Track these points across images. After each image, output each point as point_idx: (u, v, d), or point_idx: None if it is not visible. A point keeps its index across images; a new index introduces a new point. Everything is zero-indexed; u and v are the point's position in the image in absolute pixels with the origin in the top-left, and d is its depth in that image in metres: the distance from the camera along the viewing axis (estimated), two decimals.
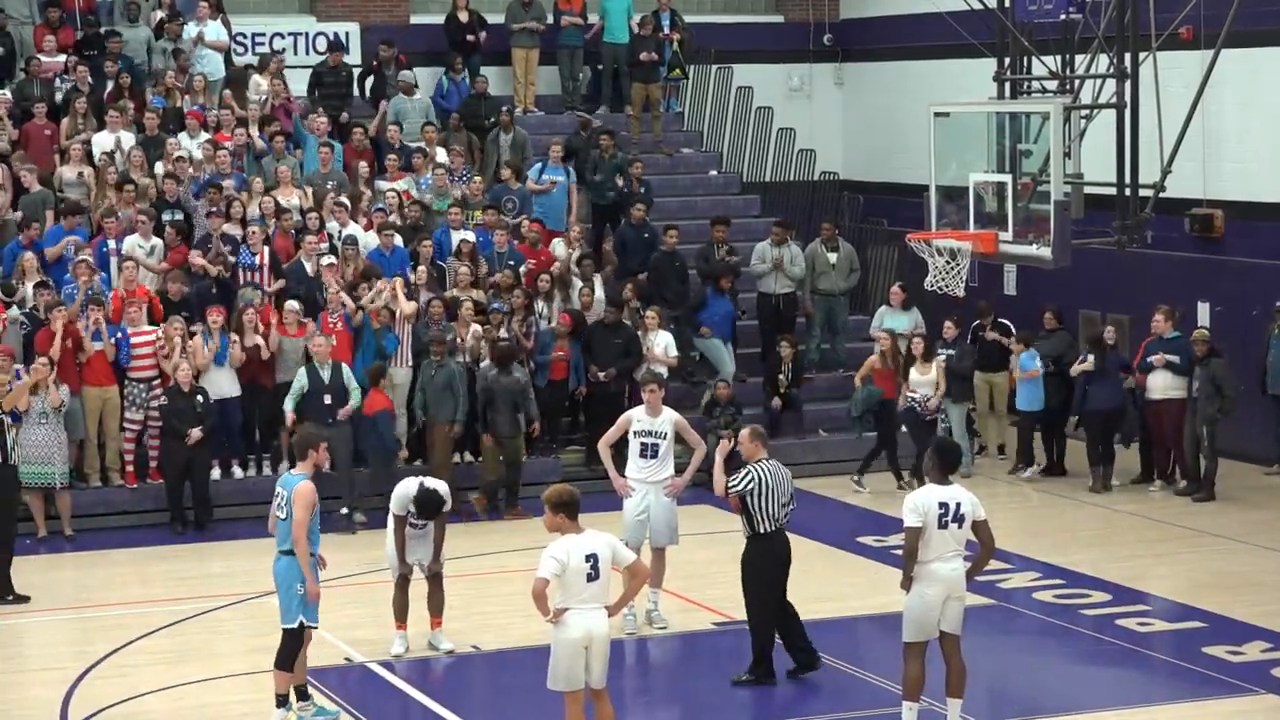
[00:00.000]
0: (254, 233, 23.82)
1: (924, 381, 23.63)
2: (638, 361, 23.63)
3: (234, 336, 22.51)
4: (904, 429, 24.04)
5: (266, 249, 23.79)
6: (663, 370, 22.54)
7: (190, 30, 27.71)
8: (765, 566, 15.64)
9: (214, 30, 27.84)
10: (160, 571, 20.41)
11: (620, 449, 17.73)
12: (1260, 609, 18.14)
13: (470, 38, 29.36)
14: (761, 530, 15.58)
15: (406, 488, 16.59)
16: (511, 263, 24.82)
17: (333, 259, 23.59)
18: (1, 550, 19.20)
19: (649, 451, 17.42)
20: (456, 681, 16.53)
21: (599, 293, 24.78)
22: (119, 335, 22.31)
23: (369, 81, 28.76)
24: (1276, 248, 24.42)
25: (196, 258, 23.41)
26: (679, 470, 17.75)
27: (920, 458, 22.47)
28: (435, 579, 16.84)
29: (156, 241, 23.88)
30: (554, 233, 25.90)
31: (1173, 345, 23.18)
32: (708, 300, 25.42)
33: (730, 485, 15.46)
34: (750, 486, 15.37)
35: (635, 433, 17.46)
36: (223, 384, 22.42)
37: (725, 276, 25.54)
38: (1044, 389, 23.99)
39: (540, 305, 24.30)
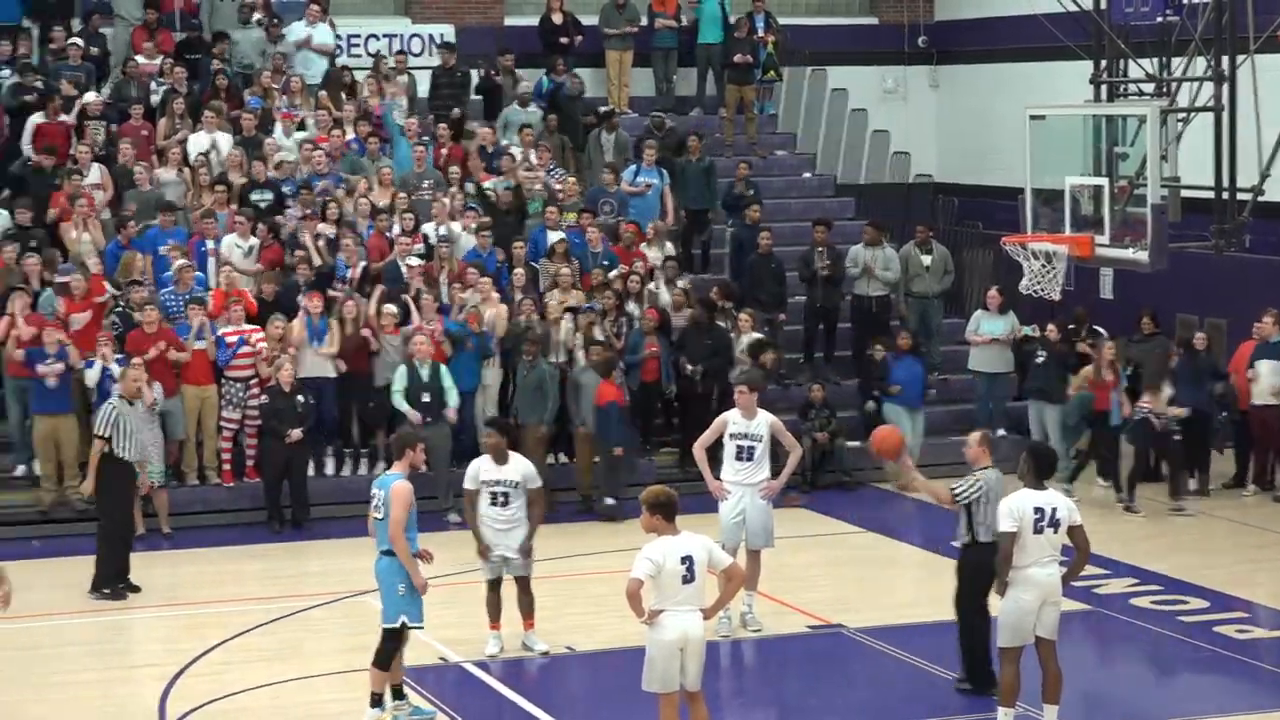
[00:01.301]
0: (348, 245, 23.95)
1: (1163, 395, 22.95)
2: (727, 363, 23.61)
3: (333, 321, 22.73)
4: (1128, 439, 23.34)
5: (362, 264, 23.93)
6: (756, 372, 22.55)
7: (297, 32, 27.95)
8: (981, 574, 15.15)
9: (322, 33, 28.08)
10: (256, 570, 20.60)
11: (714, 452, 17.73)
12: None
13: (564, 40, 29.44)
14: (981, 539, 15.09)
15: (476, 464, 16.82)
16: (605, 263, 24.89)
17: (419, 260, 23.69)
18: (120, 542, 19.47)
19: (744, 454, 17.39)
20: (551, 682, 16.58)
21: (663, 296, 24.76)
22: (220, 335, 22.51)
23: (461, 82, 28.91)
24: None
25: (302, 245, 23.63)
26: (774, 474, 17.73)
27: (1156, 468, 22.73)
28: (523, 583, 16.89)
29: (253, 241, 24.05)
30: (646, 235, 25.91)
31: (1277, 349, 23.03)
32: (890, 361, 24.39)
33: (955, 493, 15.08)
34: (977, 495, 15.01)
35: (730, 435, 17.44)
36: (319, 367, 22.63)
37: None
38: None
39: (631, 305, 24.35)
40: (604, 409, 22.52)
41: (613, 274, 24.55)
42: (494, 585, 16.88)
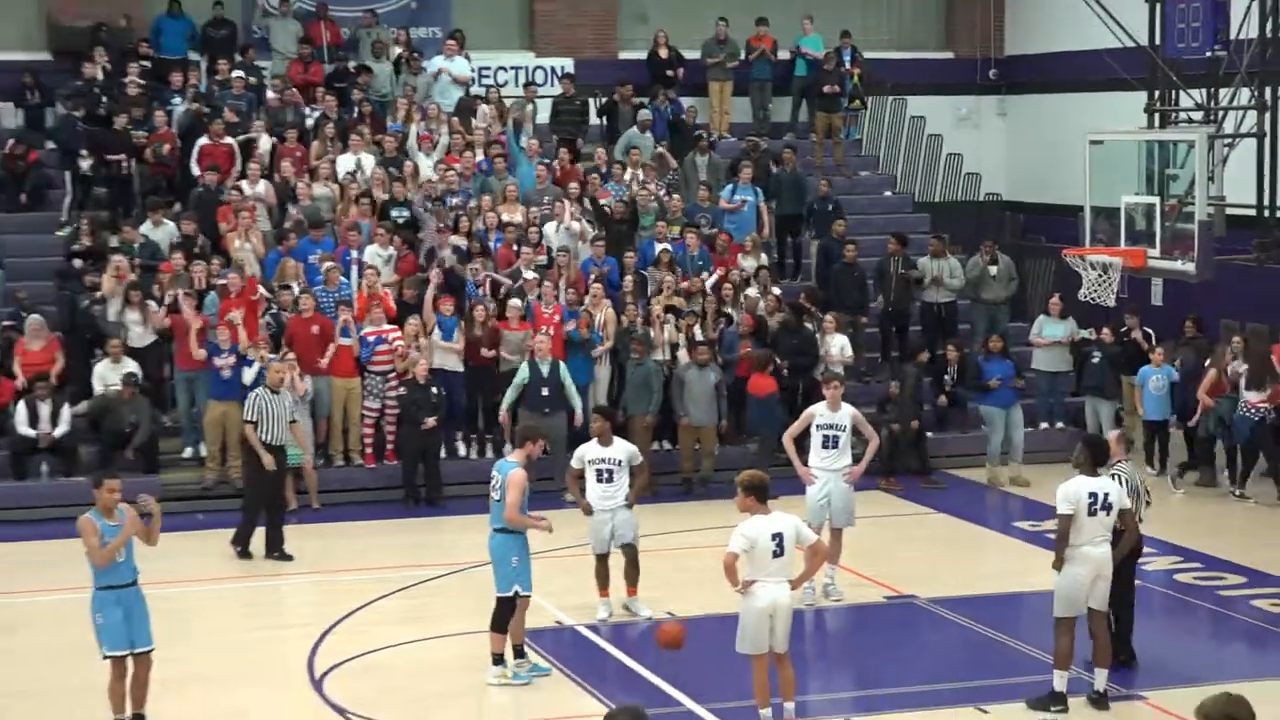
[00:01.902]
0: (477, 269, 24.05)
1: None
2: (813, 361, 23.60)
3: (463, 323, 22.90)
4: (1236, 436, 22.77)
5: (489, 280, 24.01)
6: (839, 369, 22.55)
7: (435, 64, 28.08)
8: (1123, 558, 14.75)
9: (459, 65, 28.19)
10: (394, 542, 20.75)
11: (802, 441, 17.76)
12: None
13: (670, 72, 29.49)
14: (1119, 526, 14.62)
15: (583, 448, 16.99)
16: (703, 269, 24.95)
17: (534, 275, 23.78)
18: (257, 509, 19.73)
19: (830, 443, 17.47)
20: (653, 643, 16.59)
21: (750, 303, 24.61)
22: (363, 334, 22.72)
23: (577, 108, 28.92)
24: None
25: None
26: (855, 460, 17.77)
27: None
28: (631, 554, 16.98)
29: (392, 250, 24.22)
30: (743, 246, 25.91)
31: None
32: (983, 363, 24.09)
33: None
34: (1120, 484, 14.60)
35: (818, 426, 17.51)
36: (447, 361, 22.73)
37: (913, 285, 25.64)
38: (1172, 399, 23.48)
39: (729, 309, 24.35)
40: (764, 400, 22.59)
41: (709, 279, 24.58)
42: (602, 559, 17.00)
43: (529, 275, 23.77)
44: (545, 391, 22.15)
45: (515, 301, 23.19)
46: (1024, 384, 24.42)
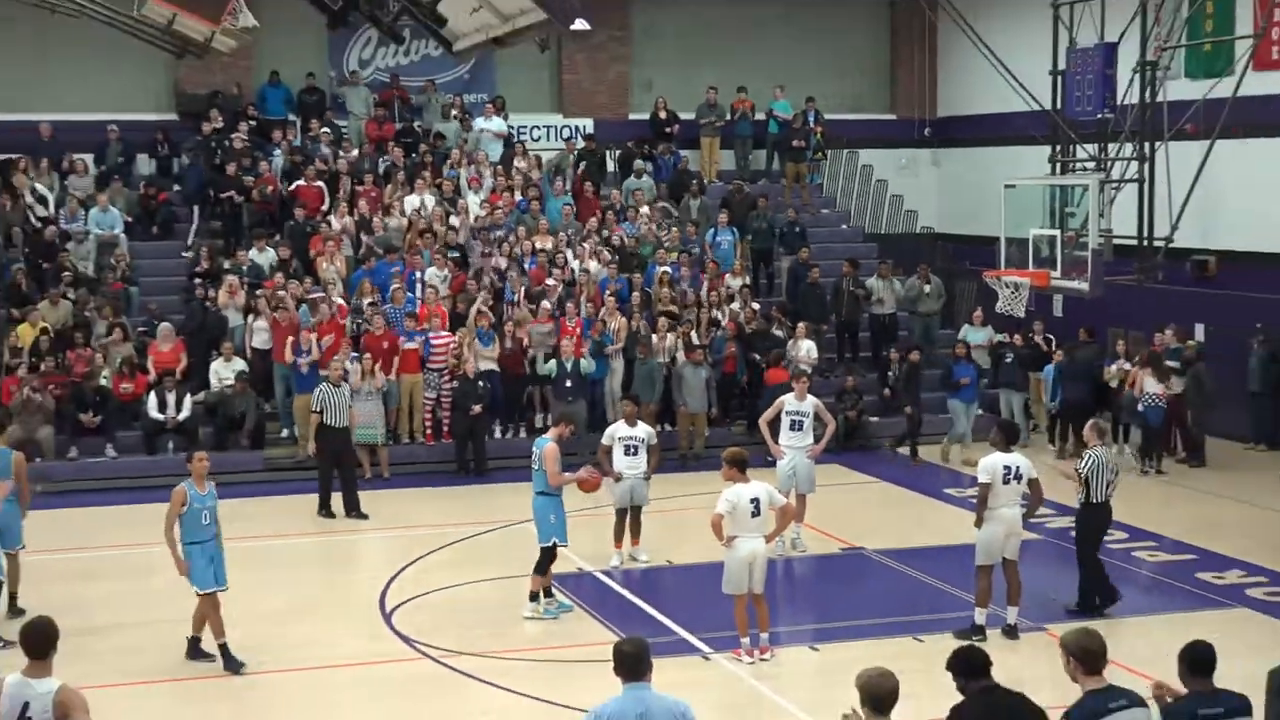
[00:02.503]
0: (514, 278, 24.02)
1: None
2: (779, 360, 23.48)
3: (498, 336, 22.85)
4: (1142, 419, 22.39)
5: (523, 289, 23.97)
6: (808, 368, 22.49)
7: (479, 124, 28.07)
8: (1094, 527, 14.91)
9: (496, 124, 28.16)
10: (448, 505, 20.69)
11: (773, 424, 17.72)
12: (1239, 546, 17.79)
13: (668, 130, 29.44)
14: (1094, 500, 14.77)
15: (613, 427, 17.06)
16: (693, 288, 24.89)
17: (554, 281, 23.98)
18: (348, 480, 19.72)
19: (796, 426, 17.46)
20: (655, 585, 16.63)
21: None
22: (424, 338, 22.70)
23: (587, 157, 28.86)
24: (1257, 284, 23.84)
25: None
26: (816, 439, 17.70)
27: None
28: (637, 513, 17.00)
29: (447, 272, 24.19)
30: (725, 272, 25.78)
31: (1176, 356, 22.80)
32: (953, 364, 23.45)
33: (1077, 468, 14.80)
34: (1092, 467, 14.68)
35: (787, 412, 17.51)
36: (487, 364, 22.64)
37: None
38: (1062, 389, 23.27)
39: (716, 315, 24.27)
40: (776, 386, 22.33)
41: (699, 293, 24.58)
42: (621, 514, 17.00)
43: (550, 282, 23.98)
44: (569, 383, 22.27)
45: (545, 303, 23.28)
46: (986, 381, 24.25)
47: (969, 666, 7.89)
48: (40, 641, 8.33)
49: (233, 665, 13.55)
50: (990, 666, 7.89)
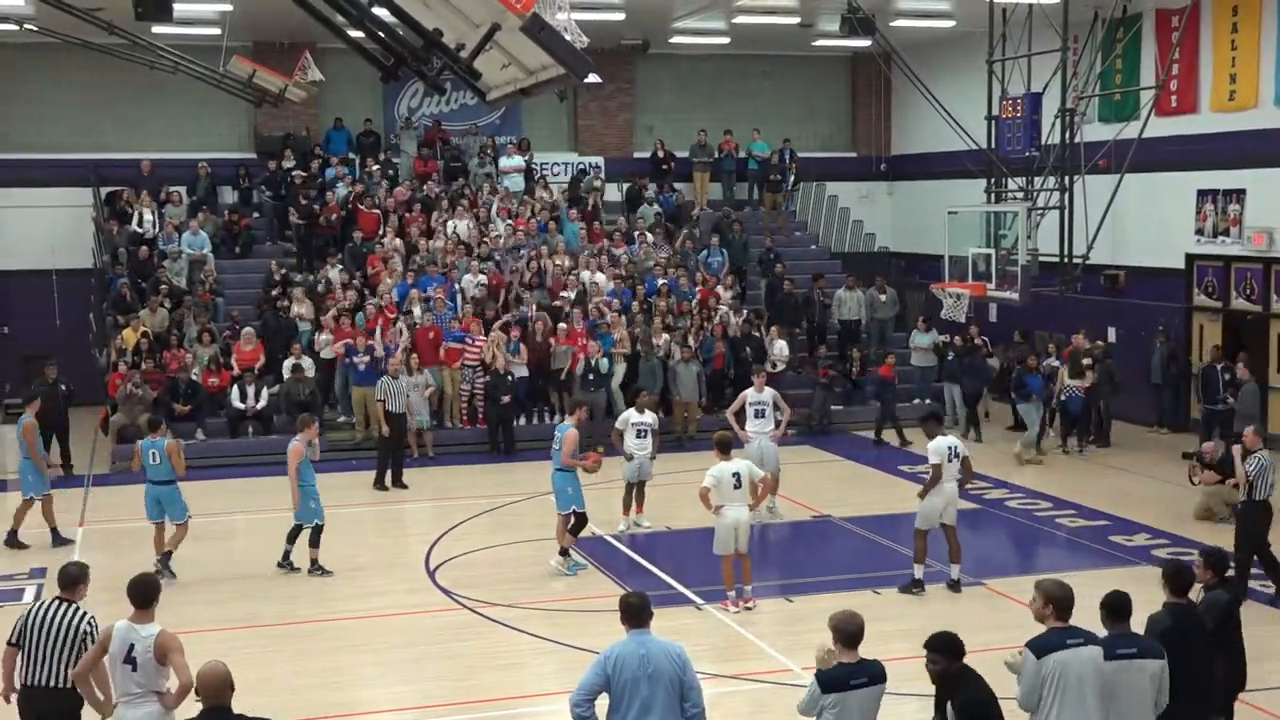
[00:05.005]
0: (532, 298, 23.95)
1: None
2: (761, 357, 23.48)
3: (523, 345, 22.75)
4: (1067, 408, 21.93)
5: (534, 305, 23.88)
6: (779, 365, 22.46)
7: (505, 162, 28.04)
8: (1259, 523, 13.68)
9: (517, 160, 28.13)
10: (484, 479, 20.65)
11: (739, 414, 17.45)
12: (1145, 513, 17.75)
13: (665, 166, 29.42)
14: (1258, 497, 13.62)
15: (626, 414, 16.95)
16: (689, 297, 24.86)
17: (569, 294, 23.88)
18: (387, 460, 19.65)
19: (759, 414, 17.24)
20: (656, 547, 16.62)
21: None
22: (463, 338, 22.64)
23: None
24: (1158, 294, 23.82)
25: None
26: (776, 424, 17.50)
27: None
28: (642, 487, 16.98)
29: (483, 277, 24.14)
30: (716, 287, 25.72)
31: (1090, 354, 22.71)
32: (1026, 377, 21.88)
33: (1249, 470, 13.60)
34: (1259, 469, 13.76)
35: (750, 403, 17.28)
36: (516, 368, 22.59)
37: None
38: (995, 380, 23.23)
39: (707, 324, 24.23)
40: (887, 380, 22.34)
41: (693, 303, 24.52)
42: (629, 486, 16.95)
43: (569, 295, 23.86)
44: (591, 376, 22.45)
45: (563, 325, 23.12)
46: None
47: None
48: (144, 593, 8.42)
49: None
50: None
